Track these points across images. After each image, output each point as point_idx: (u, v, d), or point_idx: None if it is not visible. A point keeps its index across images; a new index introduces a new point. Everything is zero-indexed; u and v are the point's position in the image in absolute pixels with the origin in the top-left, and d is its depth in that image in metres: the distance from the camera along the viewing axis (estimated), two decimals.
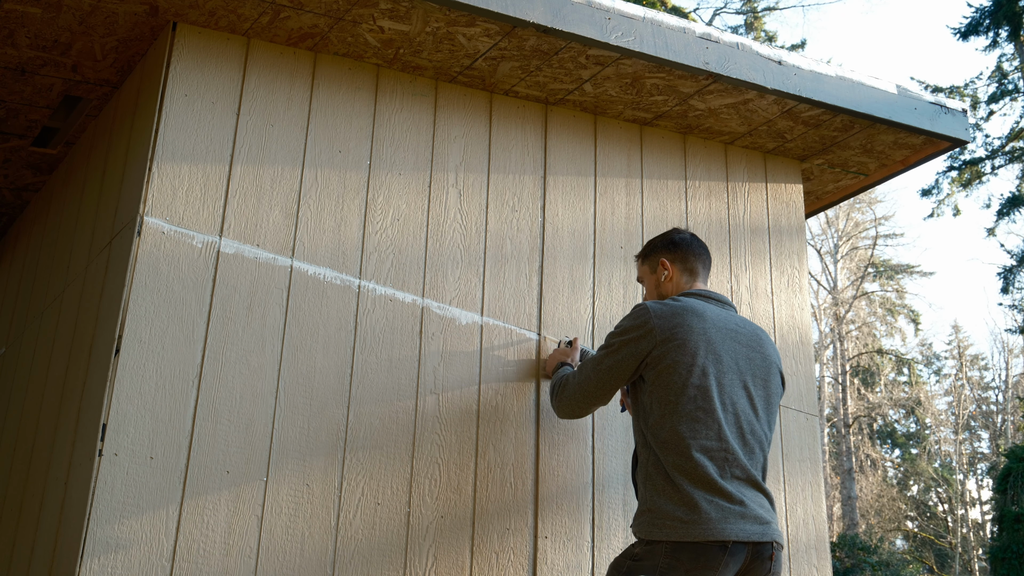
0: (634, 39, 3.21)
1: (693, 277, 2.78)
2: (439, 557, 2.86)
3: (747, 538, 2.38)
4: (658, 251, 2.83)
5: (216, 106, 2.95)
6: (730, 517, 2.39)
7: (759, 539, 2.40)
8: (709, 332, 2.54)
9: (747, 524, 2.41)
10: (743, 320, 2.70)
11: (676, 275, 2.78)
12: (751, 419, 2.53)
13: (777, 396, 2.66)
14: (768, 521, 2.46)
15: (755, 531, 2.41)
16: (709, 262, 2.85)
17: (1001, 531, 13.04)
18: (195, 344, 2.70)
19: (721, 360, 2.53)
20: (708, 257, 2.84)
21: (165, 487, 2.56)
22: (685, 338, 2.51)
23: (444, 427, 2.98)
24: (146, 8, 2.93)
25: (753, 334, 2.67)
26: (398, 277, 3.05)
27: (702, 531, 2.36)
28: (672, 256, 2.79)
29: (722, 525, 2.37)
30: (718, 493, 2.41)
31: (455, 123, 3.33)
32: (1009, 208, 17.41)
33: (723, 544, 2.35)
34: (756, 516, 2.43)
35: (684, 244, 2.80)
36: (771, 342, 2.73)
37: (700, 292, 2.72)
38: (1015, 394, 29.82)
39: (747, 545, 2.39)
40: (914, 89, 3.81)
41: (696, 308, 2.59)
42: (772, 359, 2.67)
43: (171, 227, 2.77)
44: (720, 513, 2.38)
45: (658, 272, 2.81)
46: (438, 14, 3.00)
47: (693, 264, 2.78)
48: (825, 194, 4.32)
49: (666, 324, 2.54)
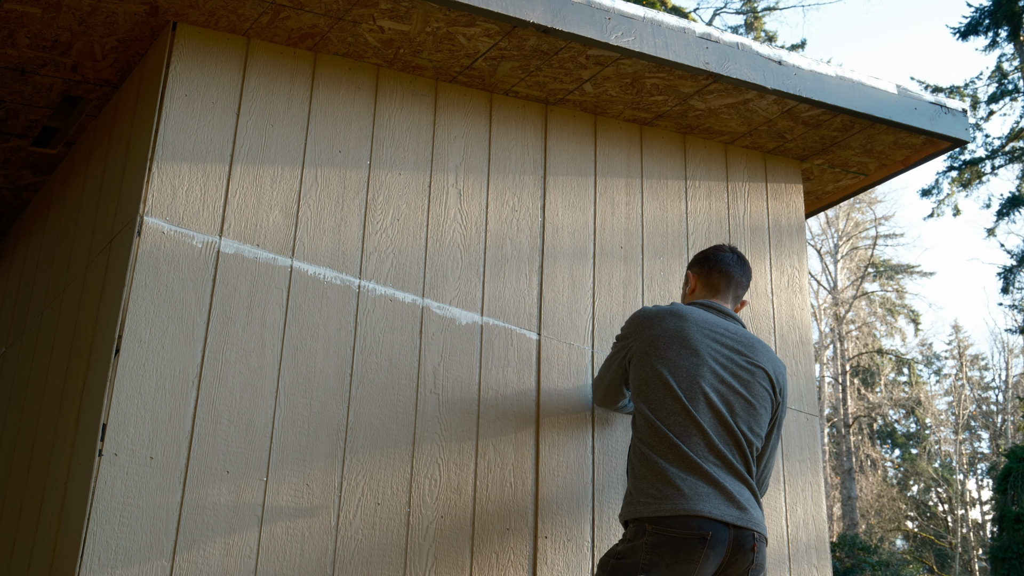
0: (634, 39, 3.21)
1: (711, 293, 2.87)
2: (439, 557, 2.86)
3: (721, 517, 2.40)
4: (692, 264, 2.97)
5: (216, 106, 2.95)
6: (704, 496, 2.42)
7: (735, 522, 2.41)
8: (687, 330, 2.64)
9: (723, 505, 2.43)
10: (738, 328, 2.75)
11: (698, 289, 2.90)
12: (725, 415, 2.57)
13: (762, 402, 2.65)
14: (747, 508, 2.47)
15: (731, 513, 2.43)
16: (739, 283, 2.88)
17: (1001, 531, 13.04)
18: (195, 344, 2.70)
19: (697, 354, 2.61)
20: (739, 277, 2.88)
21: (165, 487, 2.56)
22: (659, 334, 2.66)
23: (444, 427, 2.98)
24: (146, 8, 2.93)
25: (744, 340, 2.71)
26: (398, 277, 3.05)
27: (672, 507, 2.40)
28: (699, 270, 2.92)
29: (695, 502, 2.41)
30: (693, 471, 2.46)
31: (455, 123, 3.33)
32: (1009, 208, 17.41)
33: (702, 535, 2.37)
34: (734, 500, 2.45)
35: (713, 262, 2.89)
36: (769, 354, 2.74)
37: (703, 303, 2.80)
38: (1015, 394, 29.82)
39: (728, 529, 2.40)
40: (914, 89, 3.82)
41: (681, 311, 2.71)
42: (762, 366, 2.68)
43: (171, 227, 2.77)
44: (693, 490, 2.43)
45: (686, 284, 2.96)
46: (438, 14, 3.00)
47: (716, 282, 2.87)
48: (825, 194, 4.32)
49: (649, 323, 2.71)
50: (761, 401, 2.65)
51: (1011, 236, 21.13)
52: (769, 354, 2.74)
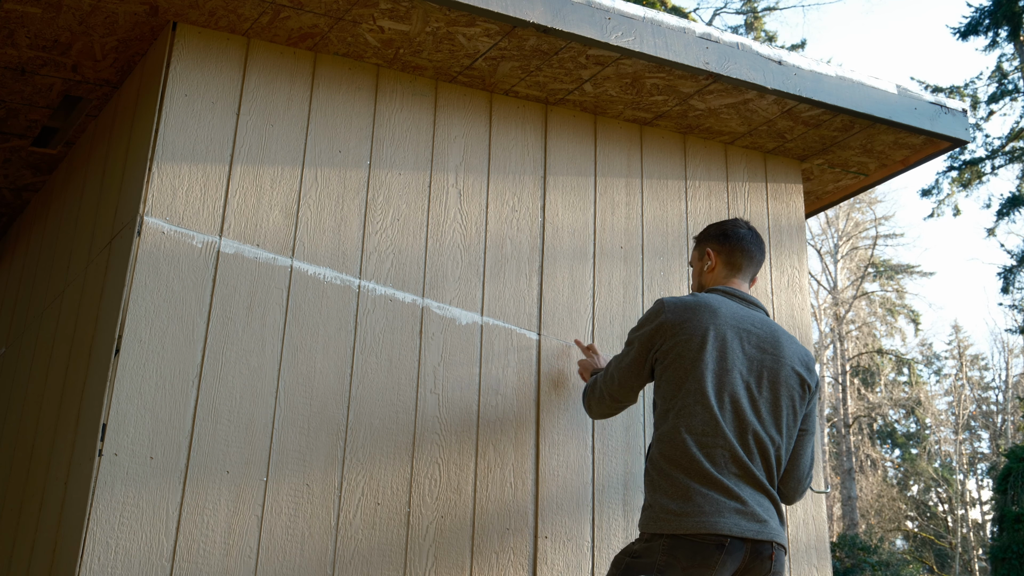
0: (634, 39, 3.21)
1: (733, 273, 2.76)
2: (439, 557, 2.86)
3: (740, 533, 2.36)
4: (709, 240, 2.83)
5: (216, 106, 2.95)
6: (724, 511, 2.38)
7: (754, 536, 2.38)
8: (720, 328, 2.54)
9: (743, 520, 2.39)
10: (764, 320, 2.66)
11: (719, 267, 2.77)
12: (751, 420, 2.49)
13: (789, 398, 2.57)
14: (765, 520, 2.43)
15: (750, 528, 2.39)
16: (758, 260, 2.80)
17: (1001, 531, 13.04)
18: (195, 344, 2.70)
19: (726, 358, 2.52)
20: (758, 255, 2.80)
21: (165, 487, 2.56)
22: (692, 333, 2.53)
23: (444, 427, 2.98)
24: (146, 8, 2.93)
25: (771, 335, 2.62)
26: (398, 277, 3.05)
27: (694, 523, 2.36)
28: (719, 248, 2.79)
29: (715, 518, 2.36)
30: (714, 486, 2.40)
31: (455, 123, 3.33)
32: (1009, 208, 17.41)
33: (719, 542, 2.34)
34: (753, 513, 2.41)
35: (735, 239, 2.78)
36: (794, 346, 2.66)
37: (726, 289, 2.70)
38: (1015, 394, 29.82)
39: (745, 542, 2.38)
40: (914, 89, 3.81)
41: (711, 304, 2.59)
42: (787, 361, 2.60)
43: (171, 227, 2.77)
44: (714, 507, 2.38)
45: (704, 260, 2.82)
46: (438, 14, 3.00)
47: (739, 260, 2.76)
48: (825, 194, 4.32)
49: (677, 318, 2.56)
50: (788, 400, 2.57)
51: (1011, 236, 21.14)
52: (794, 346, 2.65)
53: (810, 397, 2.66)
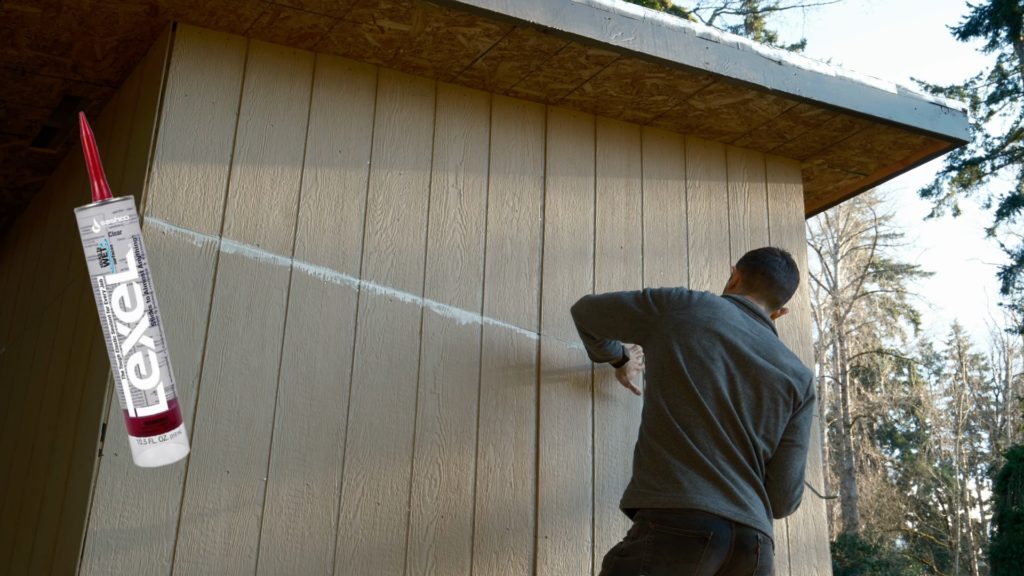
0: (634, 39, 3.21)
1: (750, 291, 2.84)
2: (439, 557, 2.86)
3: (719, 511, 2.38)
4: (740, 261, 2.95)
5: (216, 106, 2.95)
6: (703, 490, 2.41)
7: (733, 517, 2.39)
8: (715, 322, 2.63)
9: (722, 500, 2.40)
10: (765, 331, 2.71)
11: (738, 284, 2.88)
12: (731, 410, 2.53)
13: (772, 400, 2.59)
14: (747, 506, 2.43)
15: (729, 509, 2.40)
16: (781, 288, 2.83)
17: (1001, 531, 13.04)
18: (195, 344, 2.70)
19: (715, 347, 2.59)
20: (785, 283, 2.83)
21: (165, 487, 2.56)
22: (687, 319, 2.64)
23: (444, 427, 2.98)
24: (146, 8, 2.93)
25: (767, 342, 2.67)
26: (398, 277, 3.05)
27: (671, 498, 2.40)
28: (743, 268, 2.90)
29: (694, 495, 2.39)
30: (694, 465, 2.44)
31: (455, 123, 3.33)
32: (1009, 208, 17.41)
33: (702, 535, 2.36)
34: (734, 497, 2.42)
35: (759, 263, 2.86)
36: (792, 361, 2.68)
37: (736, 298, 2.78)
38: (1015, 394, 29.82)
39: (728, 529, 2.38)
40: (914, 89, 3.81)
41: (713, 301, 2.70)
42: (778, 366, 2.62)
43: (171, 227, 2.77)
44: (693, 484, 2.41)
45: (731, 279, 2.95)
46: (438, 14, 2.99)
47: (757, 282, 2.84)
48: (825, 194, 4.32)
49: (679, 304, 2.69)
50: (770, 401, 2.58)
51: (1011, 236, 21.16)
52: (792, 360, 2.68)
53: (799, 408, 2.66)
